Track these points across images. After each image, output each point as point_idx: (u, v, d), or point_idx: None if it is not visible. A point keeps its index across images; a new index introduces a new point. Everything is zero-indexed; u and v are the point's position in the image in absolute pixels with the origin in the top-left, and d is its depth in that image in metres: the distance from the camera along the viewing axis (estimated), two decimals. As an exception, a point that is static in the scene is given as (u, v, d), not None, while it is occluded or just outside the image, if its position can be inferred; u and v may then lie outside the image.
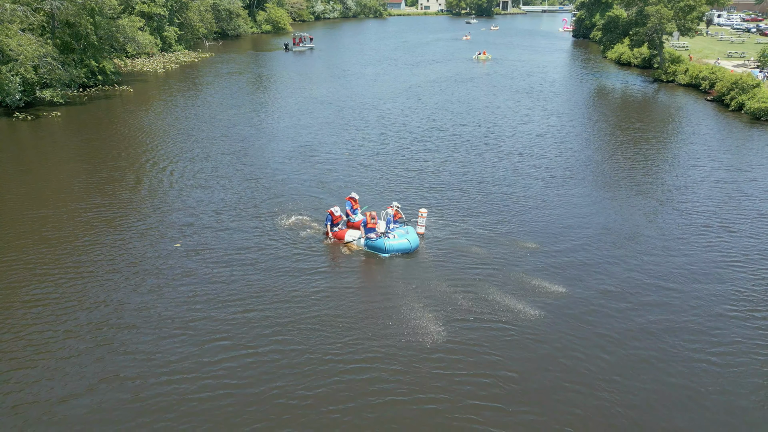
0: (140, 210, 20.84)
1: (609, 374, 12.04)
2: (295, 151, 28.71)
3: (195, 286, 15.40)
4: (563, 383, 11.74)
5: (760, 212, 21.13)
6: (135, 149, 28.72)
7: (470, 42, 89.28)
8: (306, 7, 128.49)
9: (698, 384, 11.87)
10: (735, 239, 18.73)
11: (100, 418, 10.89)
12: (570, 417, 10.86)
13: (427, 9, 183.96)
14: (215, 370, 12.09)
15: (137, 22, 50.70)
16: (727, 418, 10.95)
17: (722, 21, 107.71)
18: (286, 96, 44.06)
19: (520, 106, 40.11)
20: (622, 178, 25.00)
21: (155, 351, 12.82)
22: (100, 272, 16.12)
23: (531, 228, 19.34)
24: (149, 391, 11.59)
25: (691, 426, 10.76)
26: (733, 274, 16.37)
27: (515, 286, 15.44)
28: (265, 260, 16.92)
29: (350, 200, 19.37)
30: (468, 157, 27.91)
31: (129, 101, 40.91)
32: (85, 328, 13.62)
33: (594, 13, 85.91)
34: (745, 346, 13.10)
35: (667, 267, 16.70)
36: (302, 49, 75.90)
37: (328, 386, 11.63)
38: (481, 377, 11.89)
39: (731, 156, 28.37)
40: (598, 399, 11.34)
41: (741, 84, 38.46)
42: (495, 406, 11.08)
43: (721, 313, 14.35)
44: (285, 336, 13.25)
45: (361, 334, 13.36)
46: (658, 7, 48.20)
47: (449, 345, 12.93)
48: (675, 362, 12.50)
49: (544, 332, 13.41)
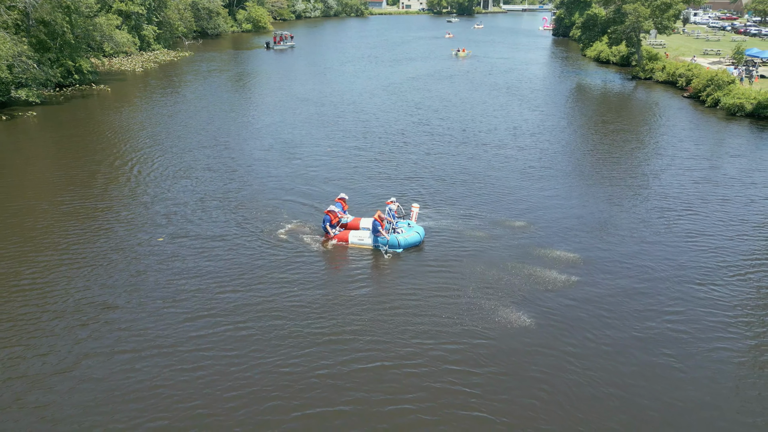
0: (122, 204, 20.68)
1: (579, 351, 12.19)
2: (277, 147, 28.58)
3: (181, 280, 15.30)
4: (536, 359, 11.87)
5: (723, 197, 22.00)
6: (113, 147, 28.35)
7: (452, 40, 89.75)
8: (287, 5, 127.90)
9: (657, 356, 12.23)
10: (705, 226, 19.29)
11: (88, 388, 11.47)
12: (538, 392, 10.98)
13: (409, 8, 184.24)
14: (200, 344, 12.11)
15: (115, 20, 50.12)
16: (684, 393, 11.16)
17: (698, 19, 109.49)
18: (267, 94, 43.83)
19: (500, 102, 40.36)
20: (600, 170, 25.32)
21: (142, 328, 13.30)
22: (83, 260, 16.11)
23: (511, 216, 19.48)
24: (138, 363, 12.08)
25: (652, 402, 10.94)
26: (703, 261, 16.73)
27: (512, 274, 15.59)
28: (250, 255, 16.85)
29: (340, 201, 18.89)
30: (449, 150, 28.05)
31: (107, 100, 40.38)
32: (71, 309, 14.08)
33: (573, 11, 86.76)
34: (709, 322, 13.39)
35: (636, 248, 16.96)
36: (283, 48, 75.66)
37: (312, 354, 11.67)
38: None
39: (706, 149, 28.86)
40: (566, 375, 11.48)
41: (716, 81, 39.11)
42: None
43: (685, 291, 14.62)
44: (281, 318, 13.23)
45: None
46: (635, 6, 48.81)
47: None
48: (654, 342, 12.70)
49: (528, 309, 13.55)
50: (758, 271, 16.40)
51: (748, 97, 35.92)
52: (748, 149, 29.24)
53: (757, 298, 14.96)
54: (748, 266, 16.62)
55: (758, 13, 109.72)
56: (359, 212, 19.73)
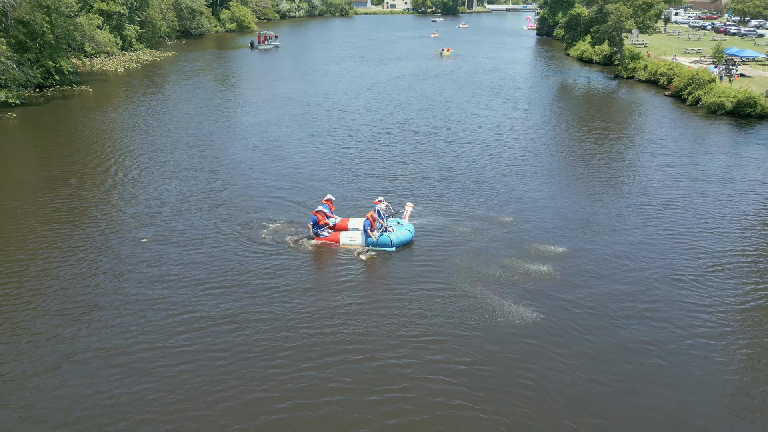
0: (105, 206, 20.46)
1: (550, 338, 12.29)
2: (262, 147, 28.43)
3: (163, 282, 15.16)
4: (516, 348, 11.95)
5: (702, 193, 22.42)
6: (95, 148, 28.01)
7: (437, 39, 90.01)
8: (271, 5, 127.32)
9: (629, 343, 12.41)
10: (683, 220, 19.61)
11: (71, 388, 11.36)
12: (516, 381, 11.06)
13: (393, 7, 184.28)
14: (184, 342, 12.01)
15: (96, 20, 49.54)
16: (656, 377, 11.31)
17: (679, 19, 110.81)
18: (252, 94, 43.57)
19: (484, 101, 40.50)
20: (583, 167, 25.55)
21: (125, 328, 13.22)
22: (66, 261, 15.92)
23: (497, 212, 19.55)
24: (122, 363, 11.97)
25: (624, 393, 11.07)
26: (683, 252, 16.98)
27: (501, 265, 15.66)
28: (236, 254, 16.74)
29: (327, 203, 18.68)
30: (434, 148, 28.13)
31: (88, 101, 39.90)
32: (54, 309, 13.98)
33: (557, 11, 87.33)
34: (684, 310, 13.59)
35: (618, 242, 17.15)
36: (267, 47, 75.38)
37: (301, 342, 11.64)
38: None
39: (686, 147, 29.21)
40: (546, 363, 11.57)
41: (697, 79, 39.61)
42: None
43: (664, 283, 14.82)
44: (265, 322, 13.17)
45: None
46: (617, 5, 49.28)
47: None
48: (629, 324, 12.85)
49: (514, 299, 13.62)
50: (733, 264, 16.71)
51: (728, 96, 36.42)
52: (728, 146, 29.68)
53: (734, 289, 15.21)
54: (723, 259, 16.93)
55: (737, 12, 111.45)
56: (346, 212, 19.69)
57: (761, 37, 76.35)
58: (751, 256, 17.26)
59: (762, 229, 19.32)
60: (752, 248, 17.81)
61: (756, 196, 22.31)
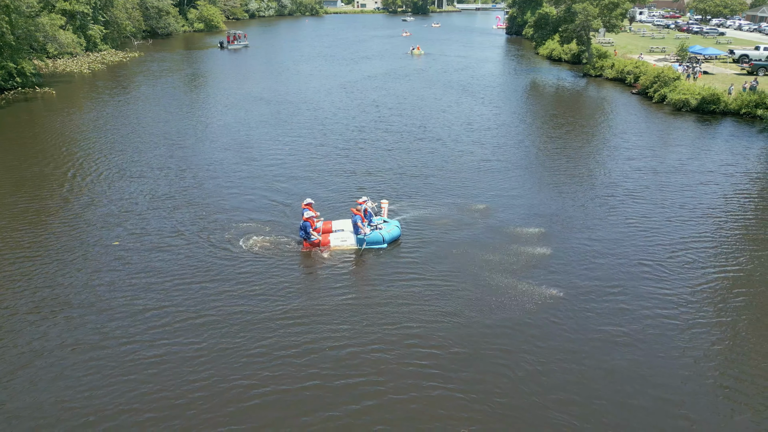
0: (75, 207, 19.92)
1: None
2: (233, 147, 27.97)
3: (135, 280, 14.81)
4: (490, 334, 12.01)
5: (662, 184, 23.26)
6: (60, 151, 27.15)
7: (409, 38, 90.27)
8: (240, 4, 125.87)
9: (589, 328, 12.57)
10: (644, 210, 20.23)
11: (45, 382, 10.86)
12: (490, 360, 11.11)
13: (364, 7, 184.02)
14: (157, 336, 11.76)
15: (58, 20, 48.13)
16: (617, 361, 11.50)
17: (644, 18, 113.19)
18: (223, 94, 42.87)
19: (456, 100, 40.65)
20: (552, 162, 25.98)
21: (99, 324, 12.87)
22: (37, 261, 15.45)
23: (473, 203, 19.66)
24: (95, 357, 11.64)
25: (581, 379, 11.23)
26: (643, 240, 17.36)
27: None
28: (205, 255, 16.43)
29: (307, 207, 18.04)
30: (407, 146, 28.16)
31: (52, 103, 38.79)
32: (26, 308, 13.69)
33: (525, 10, 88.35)
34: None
35: (586, 232, 17.44)
36: (237, 47, 74.59)
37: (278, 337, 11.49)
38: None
39: (651, 142, 29.85)
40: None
41: (663, 77, 40.45)
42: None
43: (628, 269, 15.13)
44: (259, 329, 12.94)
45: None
46: (584, 5, 50.04)
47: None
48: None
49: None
50: (691, 249, 17.41)
51: (693, 93, 37.29)
52: (690, 141, 30.58)
53: (698, 276, 15.63)
54: (680, 245, 17.72)
55: (699, 11, 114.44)
56: (327, 215, 19.47)
57: (722, 35, 78.51)
58: (711, 243, 17.88)
59: (720, 218, 20.03)
60: (711, 235, 18.45)
61: (715, 187, 23.12)
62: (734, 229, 19.16)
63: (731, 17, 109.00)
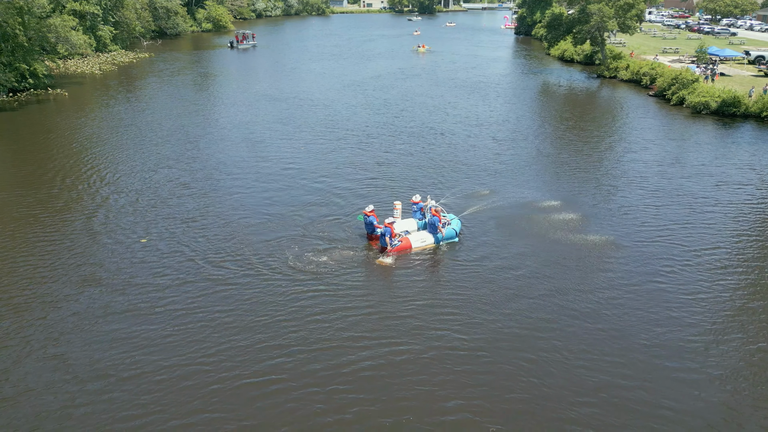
0: (96, 207, 19.60)
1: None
2: (247, 148, 27.59)
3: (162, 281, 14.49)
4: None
5: (679, 191, 22.75)
6: (74, 154, 26.80)
7: (420, 37, 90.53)
8: (247, 4, 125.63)
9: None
10: (667, 213, 19.76)
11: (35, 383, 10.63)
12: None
13: (370, 6, 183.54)
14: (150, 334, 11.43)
15: (69, 21, 47.85)
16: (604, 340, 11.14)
17: (653, 17, 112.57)
18: (233, 94, 42.49)
19: (469, 100, 40.22)
20: (567, 162, 25.91)
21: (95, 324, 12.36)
22: (41, 263, 15.10)
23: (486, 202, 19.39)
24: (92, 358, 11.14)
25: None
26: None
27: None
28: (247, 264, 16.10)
29: (372, 214, 17.75)
30: (422, 146, 27.83)
31: (64, 105, 38.53)
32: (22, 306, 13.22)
33: (535, 10, 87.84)
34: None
35: (606, 229, 17.10)
36: (246, 47, 74.70)
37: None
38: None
39: (674, 145, 29.44)
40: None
41: (681, 79, 39.90)
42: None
43: (651, 270, 14.79)
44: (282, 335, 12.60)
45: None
46: (599, 6, 49.55)
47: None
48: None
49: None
50: (716, 249, 17.53)
51: (713, 96, 36.79)
52: (714, 145, 30.14)
53: (716, 279, 15.47)
54: (703, 249, 17.71)
55: (708, 11, 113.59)
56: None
57: (734, 35, 77.78)
58: (730, 248, 17.70)
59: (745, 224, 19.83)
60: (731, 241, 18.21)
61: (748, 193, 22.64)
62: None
63: (742, 17, 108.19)
